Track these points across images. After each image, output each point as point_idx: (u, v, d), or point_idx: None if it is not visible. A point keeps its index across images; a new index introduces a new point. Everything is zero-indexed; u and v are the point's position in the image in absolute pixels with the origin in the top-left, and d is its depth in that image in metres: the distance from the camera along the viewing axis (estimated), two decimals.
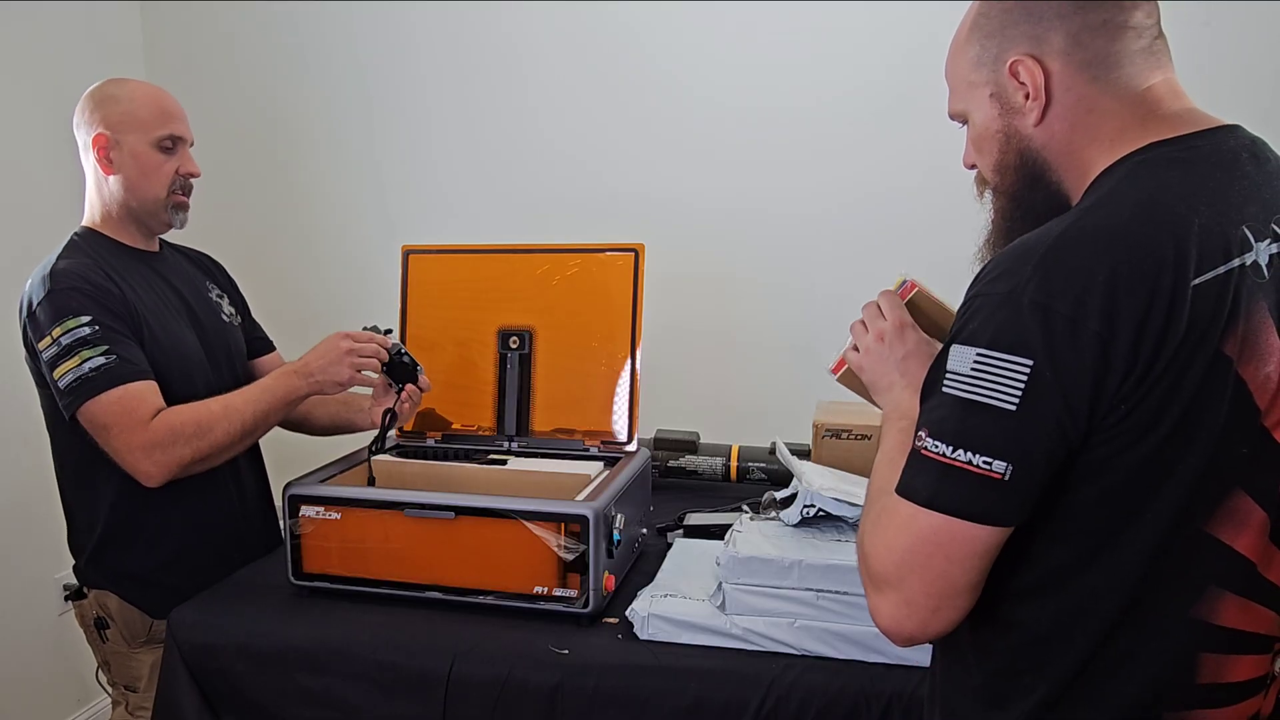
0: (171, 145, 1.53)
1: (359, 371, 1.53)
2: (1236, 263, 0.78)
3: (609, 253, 1.68)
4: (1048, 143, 0.88)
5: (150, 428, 1.40)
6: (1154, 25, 0.86)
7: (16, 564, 2.25)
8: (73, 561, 1.57)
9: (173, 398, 1.49)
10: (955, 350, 0.80)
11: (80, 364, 1.39)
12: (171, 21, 2.59)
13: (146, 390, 1.42)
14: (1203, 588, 0.81)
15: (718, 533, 1.55)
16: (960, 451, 0.78)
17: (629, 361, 1.64)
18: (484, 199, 2.46)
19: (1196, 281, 0.76)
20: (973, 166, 0.98)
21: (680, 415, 2.14)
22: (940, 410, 0.80)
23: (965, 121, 0.96)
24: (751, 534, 1.33)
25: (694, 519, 1.64)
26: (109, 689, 1.60)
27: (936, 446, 0.79)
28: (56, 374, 1.40)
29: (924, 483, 0.80)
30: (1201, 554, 0.80)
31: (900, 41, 2.16)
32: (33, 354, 1.46)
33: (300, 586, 1.45)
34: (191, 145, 1.58)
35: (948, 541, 0.79)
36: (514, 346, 1.68)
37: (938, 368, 0.82)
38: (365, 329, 1.58)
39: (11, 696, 2.25)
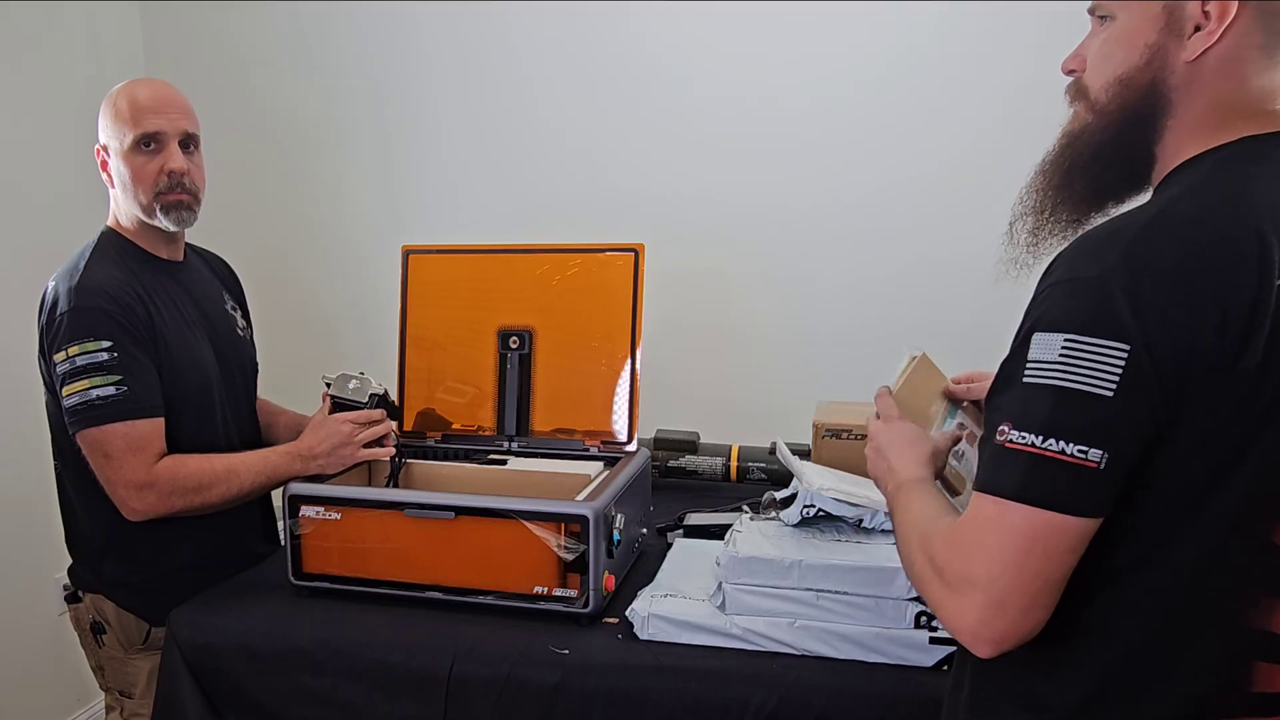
0: (149, 144, 1.47)
1: (363, 447, 1.53)
2: None
3: (609, 253, 1.68)
4: (1184, 85, 0.83)
5: (153, 470, 1.41)
6: None
7: (16, 564, 2.25)
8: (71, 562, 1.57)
9: (189, 415, 1.50)
10: (1038, 339, 0.77)
11: (88, 389, 1.38)
12: (171, 21, 2.59)
13: (153, 430, 1.42)
14: (1260, 595, 0.79)
15: (718, 533, 1.55)
16: (1052, 441, 0.75)
17: (629, 361, 1.64)
18: (485, 198, 2.46)
19: None
20: (1072, 73, 0.92)
21: (680, 415, 2.14)
22: (1024, 401, 0.77)
23: (1105, 17, 0.88)
24: (751, 534, 1.33)
25: (694, 519, 1.64)
26: (103, 693, 1.60)
27: (1024, 437, 0.76)
28: (65, 392, 1.40)
29: (1012, 476, 0.76)
30: (1263, 560, 0.79)
31: (902, 38, 2.16)
32: (46, 359, 1.45)
33: (300, 586, 1.45)
34: (189, 137, 1.51)
35: (1044, 536, 0.75)
36: (514, 346, 1.68)
37: (1014, 360, 0.80)
38: (343, 375, 1.58)
39: (11, 696, 2.25)
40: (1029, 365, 0.77)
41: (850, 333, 2.27)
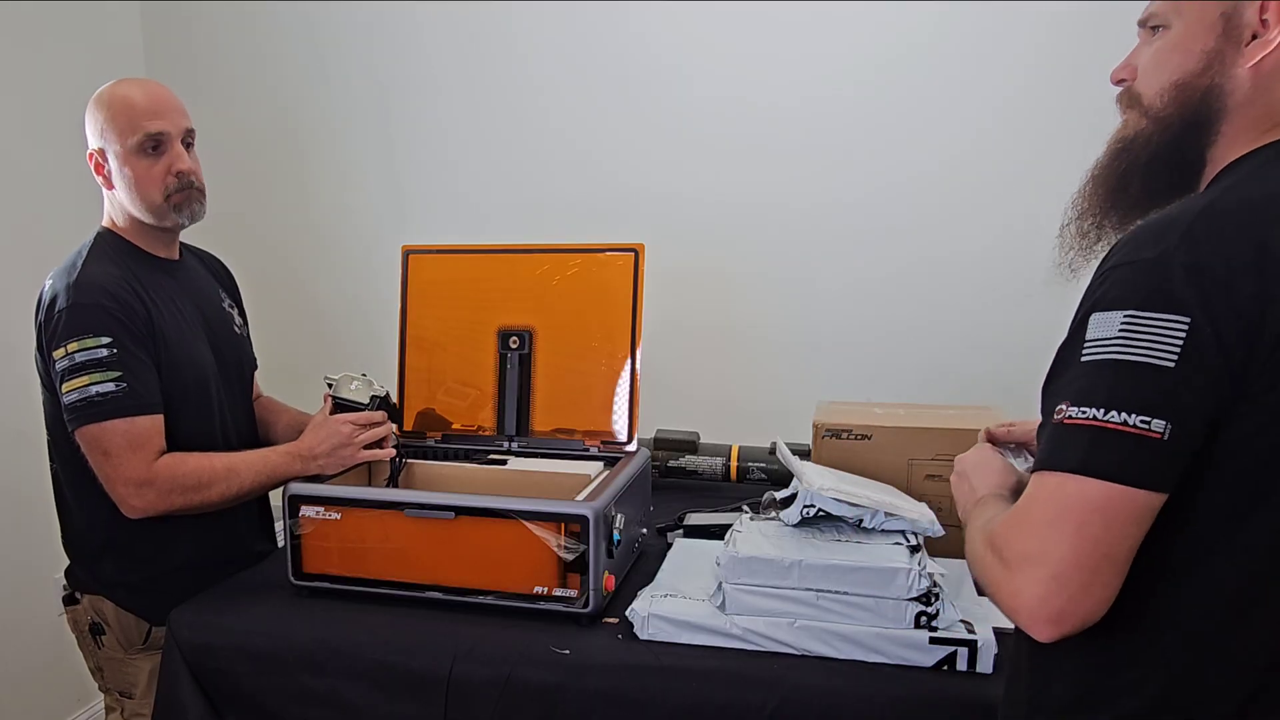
0: (155, 146, 1.47)
1: (363, 449, 1.53)
2: None
3: (609, 253, 1.68)
4: (1238, 90, 0.85)
5: (152, 468, 1.41)
6: None
7: (16, 564, 2.25)
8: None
9: (187, 412, 1.50)
10: (1096, 318, 0.78)
11: (87, 386, 1.38)
12: (171, 21, 2.59)
13: (153, 427, 1.42)
14: None
15: (718, 533, 1.55)
16: (1114, 413, 0.75)
17: (629, 361, 1.64)
18: (485, 198, 2.46)
19: None
20: (1122, 82, 0.93)
21: (680, 415, 2.14)
22: (1083, 379, 0.77)
23: (1157, 27, 0.89)
24: (751, 534, 1.33)
25: (694, 519, 1.64)
26: (103, 694, 1.60)
27: (1085, 412, 0.76)
28: (64, 389, 1.40)
29: (1074, 451, 0.76)
30: None
31: (902, 38, 2.16)
32: (44, 356, 1.45)
33: (300, 586, 1.45)
34: (189, 134, 1.52)
35: (1103, 506, 0.75)
36: (514, 346, 1.68)
37: (1071, 344, 0.80)
38: (345, 376, 1.58)
39: (11, 696, 2.25)
40: (1087, 344, 0.78)
41: (850, 333, 2.27)
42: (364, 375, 1.60)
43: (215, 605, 1.44)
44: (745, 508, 1.53)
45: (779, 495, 1.47)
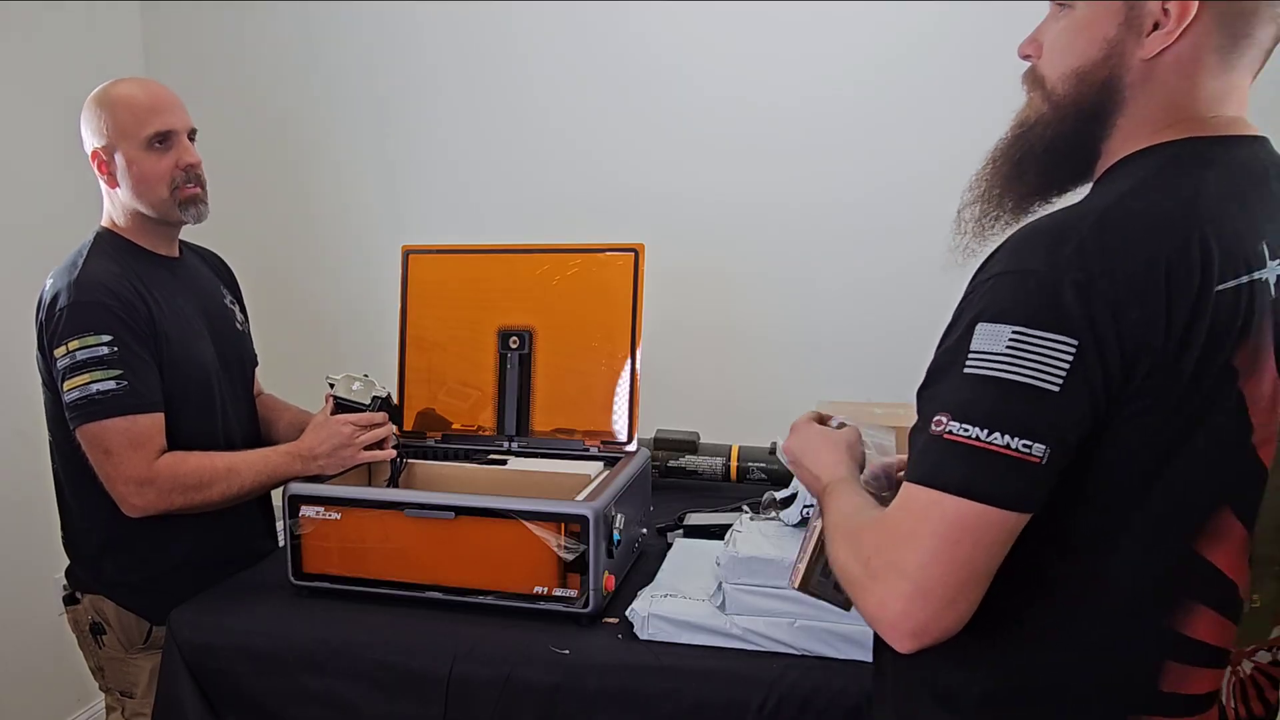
0: (163, 141, 1.48)
1: (363, 450, 1.53)
2: (1255, 276, 0.77)
3: (609, 253, 1.68)
4: (1139, 82, 0.82)
5: (153, 467, 1.41)
6: None
7: (16, 564, 2.25)
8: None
9: (189, 409, 1.50)
10: (983, 329, 0.76)
11: (88, 384, 1.38)
12: (171, 21, 2.59)
13: (153, 426, 1.42)
14: (1180, 599, 0.80)
15: (718, 533, 1.55)
16: (996, 434, 0.73)
17: (629, 361, 1.64)
18: (485, 198, 2.46)
19: (1220, 288, 0.75)
20: (1027, 58, 0.91)
21: (680, 415, 2.14)
22: (966, 393, 0.76)
23: (1064, 5, 0.87)
24: (751, 534, 1.33)
25: (694, 519, 1.64)
26: (103, 694, 1.60)
27: (966, 430, 0.74)
28: (65, 387, 1.40)
29: (953, 468, 0.75)
30: (1184, 567, 0.79)
31: (902, 38, 2.16)
32: (45, 355, 1.45)
33: (300, 586, 1.45)
34: (192, 132, 1.54)
35: (976, 528, 0.74)
36: (514, 346, 1.68)
37: (954, 350, 0.78)
38: (347, 376, 1.59)
39: (11, 696, 2.25)
40: (972, 355, 0.76)
41: (850, 333, 2.27)
42: (365, 376, 1.61)
43: (215, 605, 1.44)
44: (745, 508, 1.53)
45: (779, 495, 1.47)
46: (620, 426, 1.65)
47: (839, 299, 2.28)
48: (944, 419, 0.76)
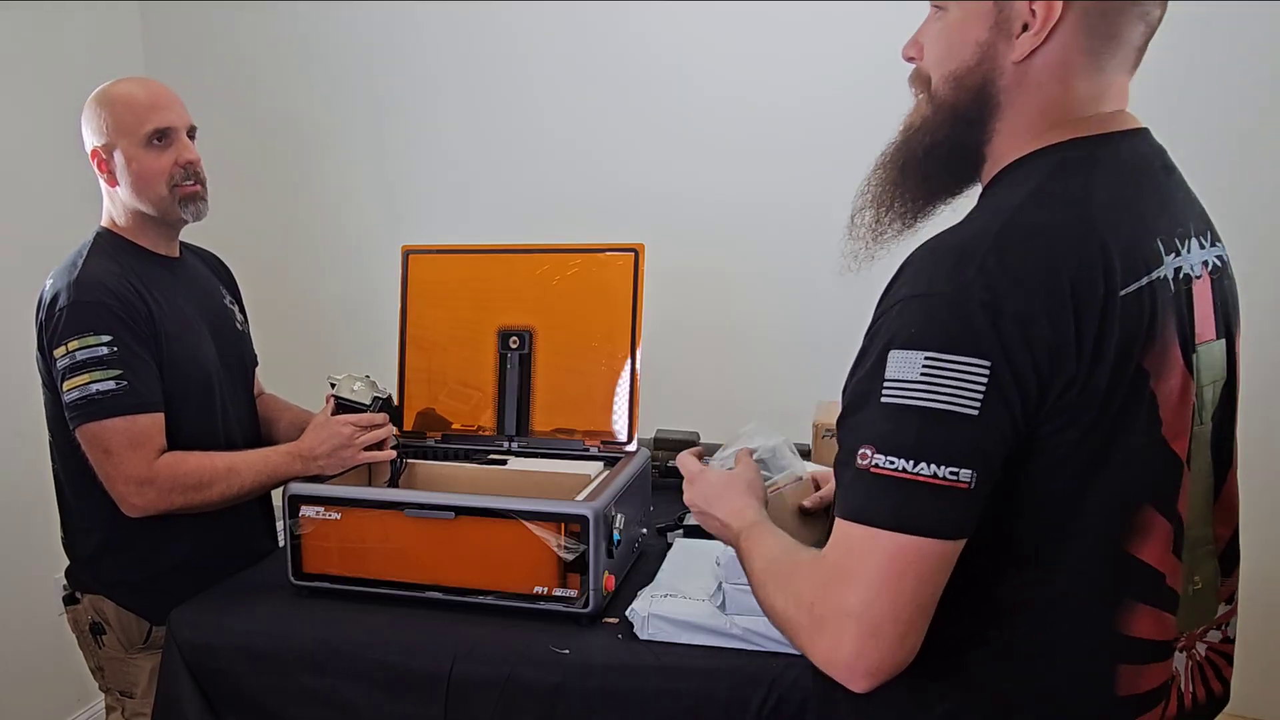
0: (162, 138, 1.49)
1: (363, 450, 1.53)
2: (1154, 275, 0.77)
3: (609, 253, 1.68)
4: (1012, 86, 0.82)
5: (153, 466, 1.41)
6: (1157, 27, 0.83)
7: (16, 564, 2.25)
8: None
9: (190, 410, 1.50)
10: (896, 356, 0.74)
11: (88, 384, 1.38)
12: (171, 21, 2.59)
13: (153, 425, 1.42)
14: (1120, 601, 0.80)
15: None
16: (923, 465, 0.72)
17: (629, 361, 1.64)
18: (485, 198, 2.46)
19: (1123, 292, 0.75)
20: (912, 59, 0.91)
21: (680, 415, 2.14)
22: (887, 424, 0.74)
23: (940, 7, 0.87)
24: None
25: (694, 519, 1.63)
26: (103, 694, 1.60)
27: (892, 463, 0.73)
28: (65, 387, 1.40)
29: (884, 503, 0.74)
30: (1119, 569, 0.80)
31: (902, 38, 2.14)
32: (45, 355, 1.45)
33: (300, 586, 1.45)
34: (191, 129, 1.54)
35: (916, 561, 0.73)
36: (514, 346, 1.68)
37: (869, 379, 0.77)
38: (348, 377, 1.59)
39: (11, 696, 2.25)
40: (888, 385, 0.74)
41: (850, 333, 2.23)
42: (366, 376, 1.61)
43: (215, 605, 1.44)
44: None
45: None
46: (620, 426, 1.65)
47: (839, 299, 2.27)
48: (869, 452, 0.75)
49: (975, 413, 0.72)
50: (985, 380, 0.72)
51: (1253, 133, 1.97)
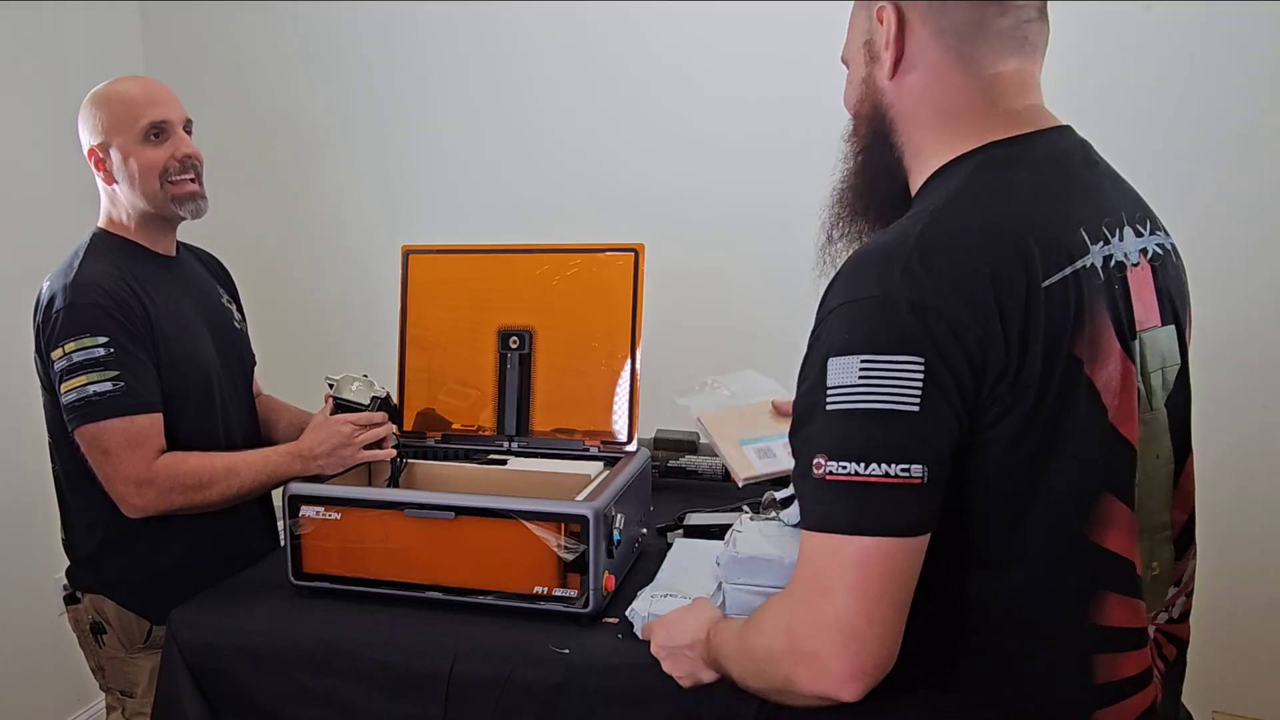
0: (159, 134, 1.49)
1: (363, 449, 1.53)
2: (1079, 264, 0.79)
3: (609, 253, 1.68)
4: (896, 102, 0.88)
5: (152, 467, 1.41)
6: (1030, 7, 0.85)
7: (16, 564, 2.25)
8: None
9: (189, 408, 1.50)
10: (834, 363, 0.77)
11: (85, 385, 1.38)
12: (171, 21, 2.59)
13: (151, 426, 1.42)
14: (1090, 591, 0.81)
15: (718, 533, 1.55)
16: (874, 466, 0.74)
17: (629, 361, 1.64)
18: (484, 198, 2.46)
19: (1046, 284, 0.77)
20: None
21: (680, 415, 2.13)
22: (835, 430, 0.76)
23: (844, 61, 0.98)
24: (751, 534, 1.33)
25: (694, 519, 1.63)
26: (104, 694, 1.60)
27: (845, 467, 0.75)
28: (62, 388, 1.40)
29: (843, 509, 0.75)
30: (1085, 559, 0.81)
31: None
32: (42, 357, 1.45)
33: (300, 586, 1.45)
34: (188, 124, 1.54)
35: (883, 561, 0.75)
36: (514, 346, 1.68)
37: (813, 391, 0.79)
38: (346, 376, 1.59)
39: (11, 696, 2.25)
40: (830, 392, 0.77)
41: None
42: (365, 376, 1.61)
43: (215, 605, 1.44)
44: (745, 508, 1.53)
45: (779, 495, 1.46)
46: (620, 426, 1.65)
47: None
48: (822, 460, 0.77)
49: (916, 408, 0.74)
50: (921, 376, 0.74)
51: (1253, 133, 1.97)
